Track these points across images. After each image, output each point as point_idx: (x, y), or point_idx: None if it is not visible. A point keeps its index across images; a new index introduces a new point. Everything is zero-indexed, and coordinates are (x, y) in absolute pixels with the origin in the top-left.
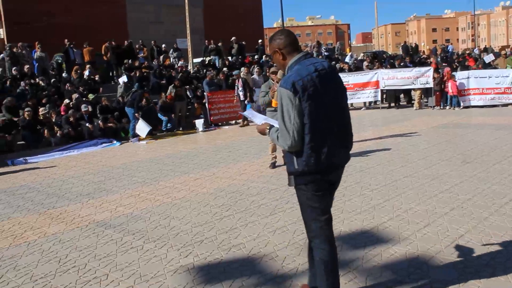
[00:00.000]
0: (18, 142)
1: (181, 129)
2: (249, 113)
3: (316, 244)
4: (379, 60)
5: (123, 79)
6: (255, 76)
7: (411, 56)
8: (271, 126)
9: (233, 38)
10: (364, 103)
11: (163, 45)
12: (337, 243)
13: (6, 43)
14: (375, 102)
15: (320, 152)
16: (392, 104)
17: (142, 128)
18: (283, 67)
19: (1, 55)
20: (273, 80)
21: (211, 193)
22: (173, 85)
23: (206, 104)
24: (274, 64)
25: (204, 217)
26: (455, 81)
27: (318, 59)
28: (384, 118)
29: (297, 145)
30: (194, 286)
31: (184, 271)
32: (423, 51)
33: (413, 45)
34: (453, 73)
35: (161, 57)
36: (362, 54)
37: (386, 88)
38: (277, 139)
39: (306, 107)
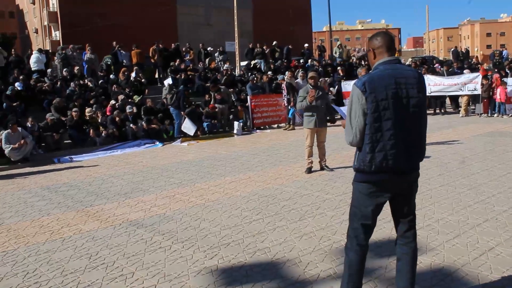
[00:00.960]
0: (65, 141)
1: (221, 130)
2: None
3: (347, 244)
4: (428, 65)
5: (168, 81)
6: (299, 80)
7: (461, 62)
8: None
9: (274, 42)
10: None
11: (210, 48)
12: None
13: (61, 44)
14: None
15: (376, 153)
16: (438, 111)
17: (188, 127)
18: (373, 66)
19: (55, 57)
20: (311, 85)
21: (244, 196)
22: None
23: (249, 108)
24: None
25: (234, 220)
26: (506, 88)
27: (404, 66)
28: (429, 124)
29: (358, 142)
30: None
31: (207, 273)
32: (476, 57)
33: (464, 51)
34: (504, 79)
35: (207, 60)
36: (410, 59)
37: (432, 94)
38: (345, 135)
39: (370, 108)
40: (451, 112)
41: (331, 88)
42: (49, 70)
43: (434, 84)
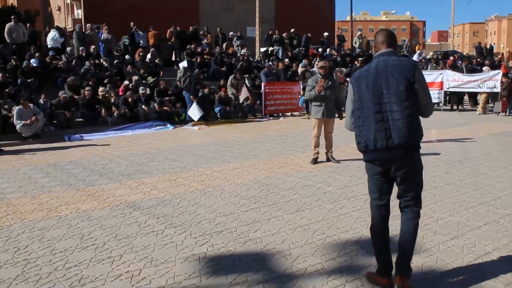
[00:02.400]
0: (77, 119)
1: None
2: None
3: (371, 215)
4: (454, 60)
5: (183, 64)
6: (314, 69)
7: (484, 58)
8: None
9: (292, 29)
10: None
11: (231, 33)
12: (355, 247)
13: (83, 23)
14: (438, 103)
15: (361, 136)
16: (455, 107)
17: (194, 112)
18: None
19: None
20: (321, 75)
21: (245, 184)
22: (233, 76)
23: (262, 94)
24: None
25: (231, 207)
26: None
27: (396, 57)
28: (443, 121)
29: (350, 126)
30: (199, 276)
31: (195, 260)
32: (502, 54)
33: (488, 47)
34: None
35: (224, 44)
36: (431, 53)
37: (451, 90)
38: None
39: (355, 96)
40: (469, 109)
41: (347, 79)
42: (68, 49)
43: (453, 80)
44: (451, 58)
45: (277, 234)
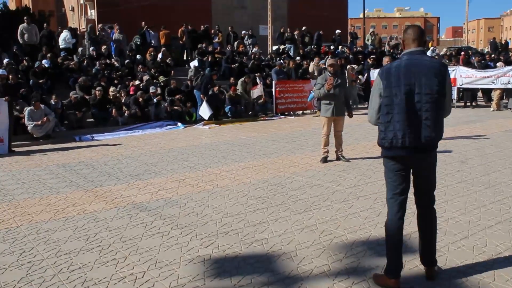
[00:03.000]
0: (88, 120)
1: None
2: None
3: (387, 213)
4: (465, 56)
5: (194, 63)
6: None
7: (499, 54)
8: None
9: (304, 27)
10: None
11: (243, 31)
12: (363, 248)
13: (96, 23)
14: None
15: (387, 132)
16: (469, 104)
17: (204, 110)
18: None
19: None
20: (330, 73)
21: (253, 183)
22: (243, 79)
23: (273, 93)
24: (328, 57)
25: (238, 208)
26: None
27: (426, 56)
28: (456, 117)
29: (375, 121)
30: (203, 278)
31: (199, 262)
32: None
33: (503, 42)
34: None
35: (236, 43)
36: (444, 49)
37: (464, 86)
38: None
39: (384, 92)
40: (483, 105)
41: (359, 76)
42: (80, 49)
43: (466, 76)
44: (463, 53)
45: (284, 235)
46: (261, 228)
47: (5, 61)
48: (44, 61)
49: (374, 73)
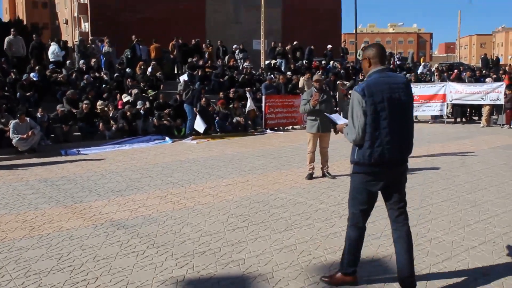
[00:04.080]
0: (75, 133)
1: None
2: (335, 116)
3: (348, 227)
4: (457, 72)
5: (183, 77)
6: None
7: (490, 70)
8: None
9: (295, 42)
10: (432, 116)
11: (234, 46)
12: None
13: (90, 36)
14: (441, 116)
15: (375, 148)
16: (459, 120)
17: (199, 124)
18: (366, 74)
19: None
20: (316, 89)
21: (235, 200)
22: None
23: (263, 107)
24: (318, 72)
25: (218, 226)
26: None
27: (394, 73)
28: (445, 133)
29: (360, 139)
30: None
31: (172, 283)
32: (509, 65)
33: (494, 58)
34: None
35: (227, 57)
36: (436, 65)
37: (454, 102)
38: (347, 134)
39: (369, 110)
40: (473, 121)
41: (350, 92)
42: (68, 62)
43: (456, 92)
44: (456, 71)
45: (262, 255)
46: (239, 247)
47: None
48: (32, 74)
49: None
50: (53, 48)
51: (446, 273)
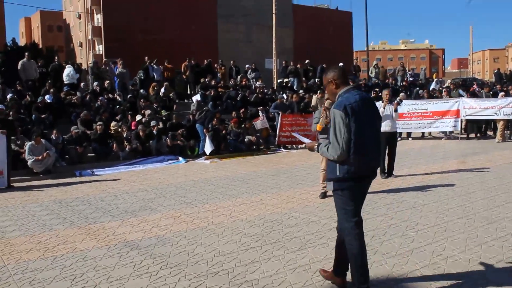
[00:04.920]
0: (89, 154)
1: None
2: (296, 134)
3: (348, 241)
4: (468, 88)
5: (196, 97)
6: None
7: (503, 84)
8: (319, 143)
9: (307, 61)
10: (445, 132)
11: (247, 65)
12: None
13: (104, 58)
14: (451, 132)
15: (360, 162)
16: (473, 135)
17: (207, 146)
18: (334, 95)
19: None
20: (327, 107)
21: (249, 220)
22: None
23: (278, 124)
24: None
25: (231, 246)
26: None
27: (362, 91)
28: (460, 150)
29: (344, 155)
30: None
31: None
32: None
33: (508, 73)
34: None
35: (239, 77)
36: (448, 81)
37: (467, 117)
38: (327, 151)
39: (353, 126)
40: (488, 137)
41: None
42: (82, 84)
43: (470, 107)
44: (475, 86)
45: (275, 275)
46: (253, 267)
47: (9, 96)
48: (47, 96)
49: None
50: (68, 70)
51: None
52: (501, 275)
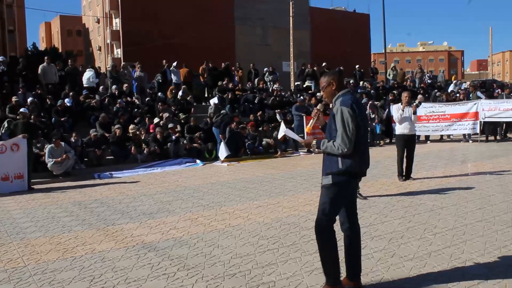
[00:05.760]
0: (107, 157)
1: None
2: (288, 131)
3: (324, 237)
4: (487, 89)
5: (214, 100)
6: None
7: None
8: (318, 140)
9: (324, 63)
10: (464, 135)
11: (265, 68)
12: None
13: (122, 62)
14: (470, 135)
15: (361, 158)
16: (492, 138)
17: (222, 151)
18: (332, 97)
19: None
20: None
21: (266, 222)
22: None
23: (304, 127)
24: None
25: (248, 248)
26: None
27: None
28: (479, 152)
29: (352, 149)
30: None
31: None
32: None
33: None
34: None
35: (256, 80)
36: (467, 83)
37: (486, 119)
38: (333, 145)
39: (359, 124)
40: (508, 139)
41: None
42: (101, 88)
43: (489, 109)
44: (499, 90)
45: (292, 278)
46: (270, 270)
47: (29, 100)
48: (66, 100)
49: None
50: (88, 74)
51: None
52: None
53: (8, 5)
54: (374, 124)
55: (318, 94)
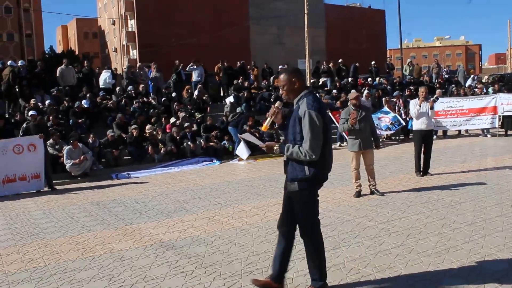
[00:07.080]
0: (125, 157)
1: None
2: (247, 135)
3: (312, 238)
4: (506, 83)
5: (229, 99)
6: (363, 99)
7: None
8: (281, 143)
9: (340, 60)
10: (483, 130)
11: (280, 66)
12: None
13: (138, 63)
14: (488, 130)
15: (326, 163)
16: (511, 132)
17: (242, 150)
18: (295, 95)
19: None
20: (353, 107)
21: None
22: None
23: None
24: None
25: (265, 245)
26: None
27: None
28: (499, 147)
29: (318, 156)
30: None
31: None
32: None
33: None
34: None
35: (272, 78)
36: (486, 77)
37: (505, 114)
38: (299, 151)
39: (325, 127)
40: None
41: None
42: (117, 88)
43: (508, 103)
44: None
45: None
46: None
47: (47, 102)
48: (83, 101)
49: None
50: (105, 75)
51: None
52: None
53: (25, 10)
54: (408, 119)
55: (334, 90)
